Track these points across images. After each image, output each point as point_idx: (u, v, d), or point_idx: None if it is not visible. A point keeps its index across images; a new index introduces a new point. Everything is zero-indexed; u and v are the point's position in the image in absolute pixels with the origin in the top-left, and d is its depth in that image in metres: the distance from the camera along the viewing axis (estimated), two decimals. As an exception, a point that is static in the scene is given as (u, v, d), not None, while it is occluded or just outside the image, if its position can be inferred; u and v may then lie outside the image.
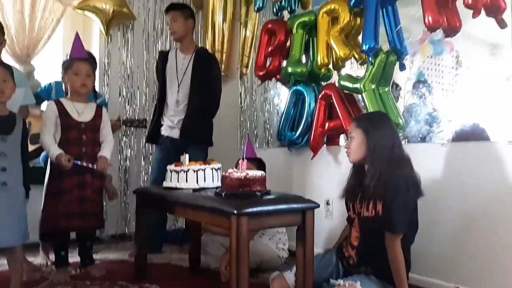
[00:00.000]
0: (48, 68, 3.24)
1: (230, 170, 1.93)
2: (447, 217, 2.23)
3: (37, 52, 3.23)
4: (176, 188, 2.13)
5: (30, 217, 2.25)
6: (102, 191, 2.48)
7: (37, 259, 2.71)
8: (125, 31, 3.63)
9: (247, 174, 1.85)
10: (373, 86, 2.52)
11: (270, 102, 3.61)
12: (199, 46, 3.48)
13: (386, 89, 2.54)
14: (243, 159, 2.65)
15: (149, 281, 2.29)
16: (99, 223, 2.44)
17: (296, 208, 1.84)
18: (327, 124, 2.81)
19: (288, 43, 3.08)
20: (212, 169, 2.17)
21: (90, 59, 2.74)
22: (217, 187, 2.05)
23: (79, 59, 2.40)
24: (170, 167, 2.22)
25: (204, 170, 2.14)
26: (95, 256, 2.81)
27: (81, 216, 2.30)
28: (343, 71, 2.84)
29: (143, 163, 3.66)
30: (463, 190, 2.17)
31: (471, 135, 2.22)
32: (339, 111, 2.70)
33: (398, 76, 2.62)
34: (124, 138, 3.60)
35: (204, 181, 2.13)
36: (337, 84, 2.76)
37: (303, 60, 3.01)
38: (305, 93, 2.94)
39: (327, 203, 2.87)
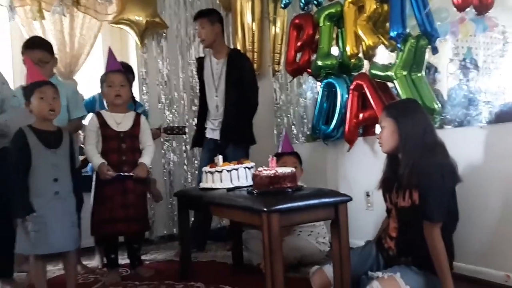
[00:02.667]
0: (90, 82, 3.42)
1: (260, 168, 1.96)
2: (491, 203, 2.14)
3: (79, 67, 3.42)
4: (212, 189, 2.20)
5: (85, 223, 2.42)
6: (145, 196, 2.59)
7: (93, 262, 2.89)
8: (159, 40, 3.75)
9: (276, 171, 1.87)
10: (404, 73, 2.46)
11: (305, 97, 3.61)
12: (232, 48, 3.52)
13: (419, 74, 2.47)
14: (278, 154, 2.71)
15: (194, 279, 2.37)
16: (144, 227, 2.55)
17: (327, 203, 1.84)
18: (361, 114, 2.78)
19: (316, 37, 3.06)
20: (245, 168, 2.21)
21: (125, 70, 2.87)
22: (250, 186, 2.08)
23: (112, 71, 2.52)
24: (205, 168, 2.29)
25: (237, 169, 2.19)
26: (144, 257, 2.96)
27: (126, 221, 2.41)
28: (376, 60, 2.79)
29: (185, 165, 3.77)
30: (505, 174, 2.08)
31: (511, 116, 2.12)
32: (372, 100, 2.66)
33: (439, 58, 2.54)
34: (167, 143, 3.73)
35: (238, 180, 2.18)
36: (368, 74, 2.71)
37: (333, 52, 2.98)
38: (336, 85, 2.91)
39: (367, 195, 2.83)
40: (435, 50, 2.45)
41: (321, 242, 2.61)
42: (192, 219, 3.22)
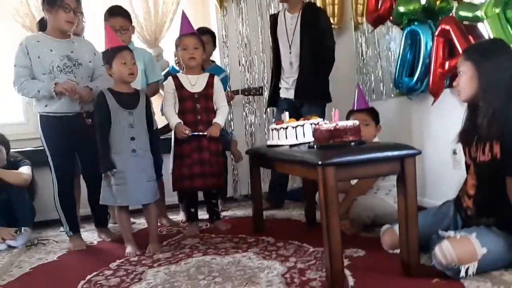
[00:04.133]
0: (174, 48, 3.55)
1: (320, 122, 1.89)
2: None
3: (163, 35, 3.59)
4: (277, 146, 2.19)
5: (168, 181, 2.62)
6: (219, 153, 2.66)
7: (178, 217, 3.11)
8: (238, 1, 3.75)
9: (337, 124, 1.79)
10: (497, 10, 2.12)
11: (392, 50, 3.35)
12: (306, 1, 3.37)
13: (518, 10, 2.12)
14: (351, 111, 2.59)
15: (266, 234, 2.43)
16: (219, 182, 2.64)
17: (391, 157, 1.71)
18: (447, 63, 2.49)
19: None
20: (311, 125, 2.14)
21: (201, 33, 2.93)
22: (314, 141, 2.02)
23: (185, 34, 2.59)
24: (272, 126, 2.29)
25: (302, 126, 2.13)
26: (225, 213, 3.11)
27: (202, 176, 2.54)
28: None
29: (266, 126, 3.80)
30: None
31: None
32: (460, 46, 2.35)
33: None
34: (247, 105, 3.78)
35: (304, 136, 2.12)
36: (455, 16, 2.41)
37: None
38: (420, 32, 2.64)
39: (454, 152, 2.57)
40: (538, -19, 2.07)
41: (400, 202, 2.45)
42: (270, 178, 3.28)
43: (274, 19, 3.16)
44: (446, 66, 2.49)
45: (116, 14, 2.76)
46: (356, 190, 2.49)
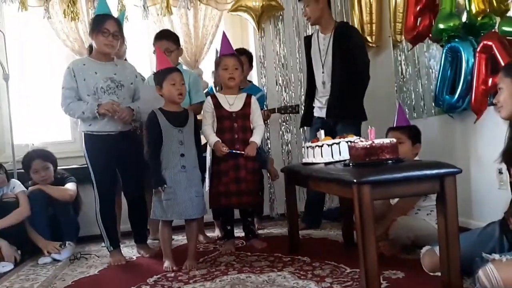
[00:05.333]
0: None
1: (356, 140, 1.87)
2: None
3: (203, 56, 3.69)
4: (313, 163, 2.18)
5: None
6: (256, 172, 2.68)
7: (213, 234, 3.14)
8: (275, 22, 3.82)
9: (373, 142, 1.77)
10: (542, 25, 2.05)
11: (432, 68, 3.28)
12: (339, 21, 3.37)
13: None
14: (389, 129, 2.55)
15: (302, 254, 2.40)
16: (255, 200, 2.66)
17: (429, 175, 1.67)
18: (490, 80, 2.41)
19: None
20: (347, 142, 2.13)
21: (238, 53, 3.00)
22: (350, 159, 2.00)
23: (226, 55, 2.66)
24: (307, 143, 2.29)
25: (338, 144, 2.12)
26: (261, 232, 3.10)
27: (238, 194, 2.56)
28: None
29: (303, 145, 3.79)
30: None
31: None
32: (503, 62, 2.28)
33: None
34: (284, 124, 3.80)
35: (340, 154, 2.11)
36: (498, 31, 2.34)
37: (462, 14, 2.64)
38: (461, 49, 2.58)
39: (500, 172, 2.46)
40: None
41: (442, 223, 2.36)
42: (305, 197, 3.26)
43: (308, 41, 3.19)
44: (489, 83, 2.42)
45: (161, 37, 2.91)
46: (396, 211, 2.43)
